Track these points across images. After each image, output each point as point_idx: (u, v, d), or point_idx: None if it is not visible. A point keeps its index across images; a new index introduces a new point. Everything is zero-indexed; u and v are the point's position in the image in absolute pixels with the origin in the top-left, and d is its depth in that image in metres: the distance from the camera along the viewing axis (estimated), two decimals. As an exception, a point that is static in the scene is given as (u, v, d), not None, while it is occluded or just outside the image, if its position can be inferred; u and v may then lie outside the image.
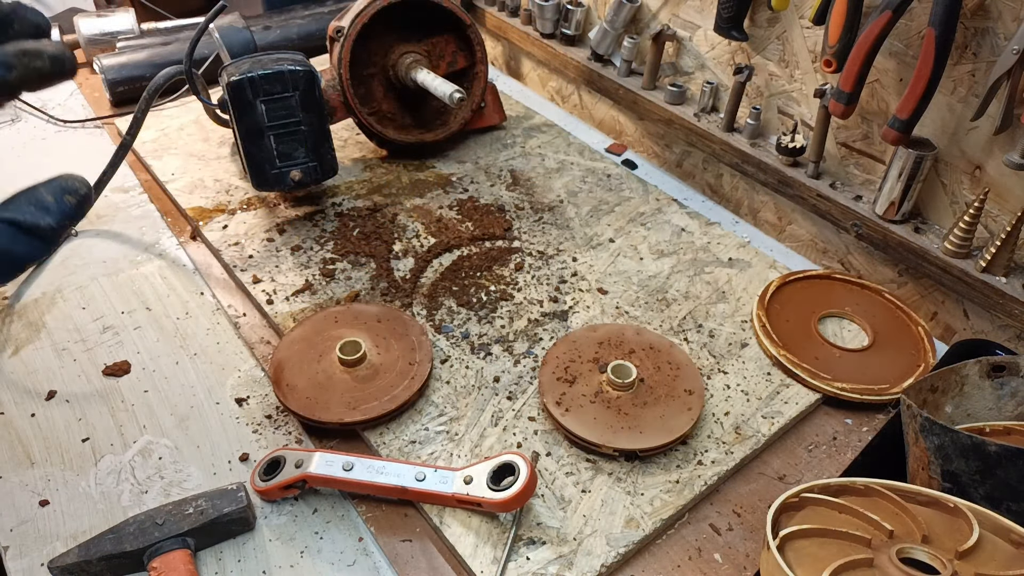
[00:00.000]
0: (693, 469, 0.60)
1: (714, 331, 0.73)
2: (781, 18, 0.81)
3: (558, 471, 0.60)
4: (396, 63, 0.90)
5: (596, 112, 1.10)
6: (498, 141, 1.00)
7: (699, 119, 0.91)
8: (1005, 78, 0.63)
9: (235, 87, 0.77)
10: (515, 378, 0.68)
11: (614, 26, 0.97)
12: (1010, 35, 0.63)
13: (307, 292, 0.76)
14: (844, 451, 0.64)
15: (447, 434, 0.63)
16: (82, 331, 0.73)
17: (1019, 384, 0.59)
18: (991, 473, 0.47)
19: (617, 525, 0.56)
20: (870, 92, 0.76)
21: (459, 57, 0.94)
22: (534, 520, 0.57)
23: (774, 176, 0.85)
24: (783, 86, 0.84)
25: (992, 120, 0.66)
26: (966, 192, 0.72)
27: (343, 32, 0.86)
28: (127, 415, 0.65)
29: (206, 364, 0.70)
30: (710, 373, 0.69)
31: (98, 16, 1.14)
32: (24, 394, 0.67)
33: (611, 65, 1.02)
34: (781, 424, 0.64)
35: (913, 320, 0.73)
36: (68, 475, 0.60)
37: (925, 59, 0.65)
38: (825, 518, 0.50)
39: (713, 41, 0.90)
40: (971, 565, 0.44)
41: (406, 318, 0.71)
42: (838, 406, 0.67)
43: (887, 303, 0.75)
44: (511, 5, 1.15)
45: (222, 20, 1.02)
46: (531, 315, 0.74)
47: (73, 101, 1.09)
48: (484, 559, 0.54)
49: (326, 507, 0.59)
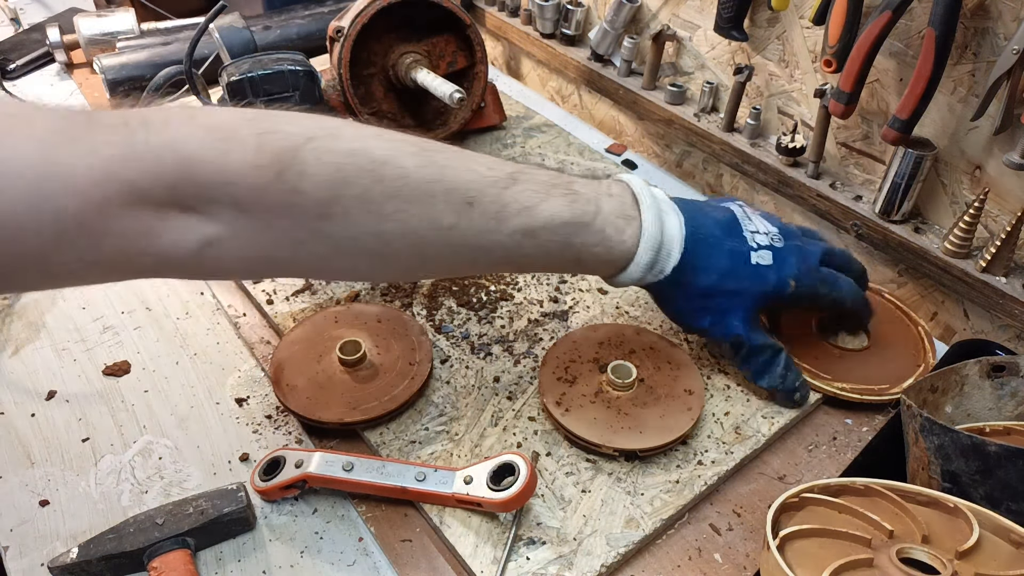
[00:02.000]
0: (693, 469, 0.60)
1: (714, 331, 0.73)
2: (781, 18, 0.81)
3: (558, 471, 0.60)
4: (396, 63, 0.90)
5: (596, 112, 1.10)
6: (498, 141, 1.00)
7: (699, 119, 0.91)
8: (1005, 78, 0.63)
9: (235, 87, 0.77)
10: (515, 378, 0.68)
11: (614, 26, 0.97)
12: (1010, 35, 0.63)
13: (307, 292, 0.75)
14: (844, 451, 0.64)
15: (447, 434, 0.63)
16: (82, 331, 0.73)
17: (1019, 384, 0.59)
18: (991, 473, 0.47)
19: (617, 525, 0.56)
20: (870, 92, 0.76)
21: (459, 57, 0.94)
22: (534, 520, 0.57)
23: (774, 176, 0.85)
24: (783, 86, 0.84)
25: (992, 120, 0.66)
26: (966, 192, 0.72)
27: (343, 32, 0.86)
28: (127, 415, 0.65)
29: (206, 364, 0.70)
30: (710, 373, 0.69)
31: (98, 16, 1.14)
32: (24, 394, 0.67)
33: (611, 65, 1.02)
34: (781, 424, 0.64)
35: (913, 320, 0.73)
36: (68, 475, 0.60)
37: (925, 59, 0.65)
38: (825, 518, 0.50)
39: (713, 41, 0.89)
40: (971, 565, 0.44)
41: (406, 318, 0.71)
42: (838, 406, 0.67)
43: (887, 303, 0.75)
44: (511, 5, 1.15)
45: (222, 20, 1.02)
46: (531, 315, 0.74)
47: (73, 101, 1.09)
48: (484, 559, 0.54)
49: (326, 507, 0.59)
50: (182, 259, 0.45)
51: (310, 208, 0.46)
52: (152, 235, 0.43)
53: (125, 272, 0.45)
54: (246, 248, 0.46)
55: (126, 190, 0.41)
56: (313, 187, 0.45)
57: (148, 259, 0.44)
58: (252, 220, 0.45)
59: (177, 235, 0.44)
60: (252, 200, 0.44)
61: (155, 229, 0.43)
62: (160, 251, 0.44)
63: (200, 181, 0.43)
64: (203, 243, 0.45)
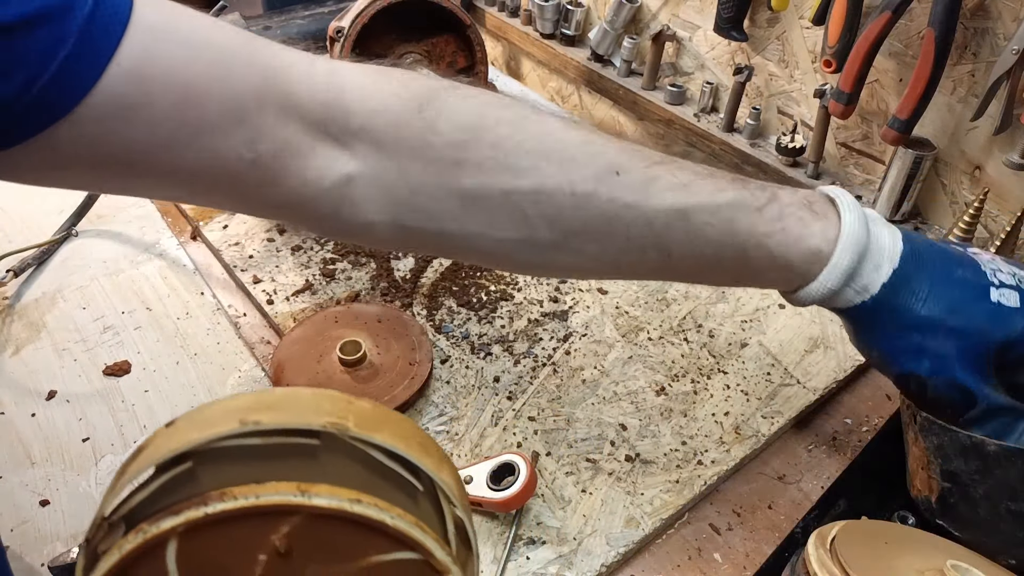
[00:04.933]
0: (693, 469, 0.60)
1: (714, 331, 0.73)
2: (781, 18, 0.81)
3: (558, 471, 0.60)
4: (396, 63, 0.90)
5: (596, 112, 1.10)
6: (498, 141, 1.00)
7: (699, 119, 0.91)
8: (1005, 78, 0.63)
9: (235, 87, 0.77)
10: (515, 378, 0.68)
11: (614, 26, 0.97)
12: (1010, 35, 0.63)
13: (307, 292, 0.76)
14: (844, 451, 0.64)
15: (447, 434, 0.63)
16: (82, 331, 0.73)
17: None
18: (990, 472, 0.47)
19: (617, 525, 0.56)
20: (870, 92, 0.76)
21: (459, 57, 0.94)
22: (534, 520, 0.57)
23: (774, 176, 0.85)
24: (783, 86, 0.84)
25: (992, 120, 0.66)
26: (966, 192, 0.72)
27: (343, 32, 0.86)
28: (127, 415, 0.65)
29: (206, 364, 0.70)
30: (710, 373, 0.69)
31: (98, 16, 1.14)
32: (24, 394, 0.67)
33: (611, 65, 1.02)
34: (781, 424, 0.64)
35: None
36: (68, 475, 0.60)
37: (925, 59, 0.65)
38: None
39: (713, 41, 0.90)
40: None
41: (406, 318, 0.71)
42: (838, 406, 0.67)
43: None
44: (511, 5, 1.15)
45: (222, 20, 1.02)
46: (531, 315, 0.74)
47: (73, 101, 1.09)
48: (484, 559, 0.54)
49: (326, 507, 0.59)
50: (325, 192, 0.44)
51: (445, 153, 0.44)
52: (300, 156, 0.43)
53: (273, 193, 0.44)
54: (381, 195, 0.45)
55: (282, 98, 0.42)
56: (450, 128, 0.44)
57: (294, 182, 0.43)
58: (388, 160, 0.44)
59: (323, 163, 0.43)
60: (391, 136, 0.44)
61: (303, 150, 0.43)
62: (305, 178, 0.43)
63: (349, 108, 0.43)
64: (344, 178, 0.44)
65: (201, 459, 0.27)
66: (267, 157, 0.42)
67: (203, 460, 0.27)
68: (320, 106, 0.43)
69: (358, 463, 0.28)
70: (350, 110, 0.43)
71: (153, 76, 0.38)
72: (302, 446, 0.27)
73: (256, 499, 0.24)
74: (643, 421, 0.64)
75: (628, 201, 0.44)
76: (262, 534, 0.25)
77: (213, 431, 0.26)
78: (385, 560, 0.26)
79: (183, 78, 0.39)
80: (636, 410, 0.65)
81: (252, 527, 0.25)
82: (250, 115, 0.41)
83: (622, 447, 0.62)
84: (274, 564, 0.25)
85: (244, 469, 0.26)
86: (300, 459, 0.27)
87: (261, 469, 0.26)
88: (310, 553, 0.26)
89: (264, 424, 0.26)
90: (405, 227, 0.46)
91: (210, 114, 0.40)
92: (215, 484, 0.25)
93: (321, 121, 0.43)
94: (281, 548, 0.25)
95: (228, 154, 0.41)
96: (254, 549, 0.25)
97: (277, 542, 0.25)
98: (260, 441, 0.27)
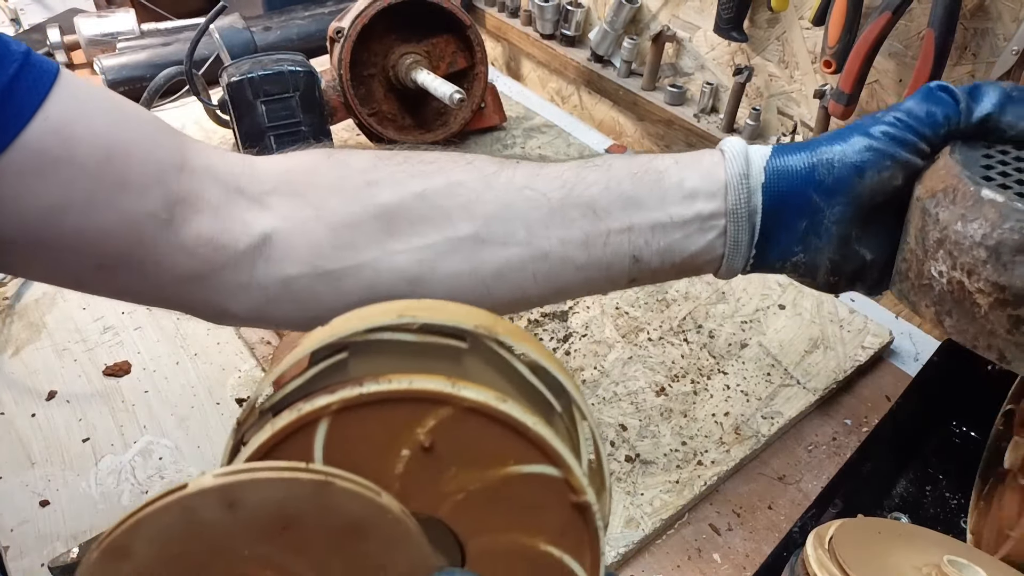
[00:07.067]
0: (693, 469, 0.60)
1: (714, 331, 0.73)
2: (781, 19, 0.81)
3: (558, 471, 0.60)
4: (396, 64, 0.91)
5: (596, 113, 1.10)
6: (498, 142, 1.00)
7: (699, 120, 0.91)
8: (1005, 79, 0.63)
9: (235, 88, 0.77)
10: (515, 378, 0.68)
11: (614, 27, 0.97)
12: (1010, 36, 0.63)
13: (307, 292, 0.75)
14: (843, 451, 0.64)
15: (447, 434, 0.63)
16: (82, 331, 0.73)
17: None
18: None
19: (617, 525, 0.56)
20: (870, 93, 0.76)
21: (459, 58, 0.94)
22: (534, 520, 0.57)
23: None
24: (783, 87, 0.84)
25: (991, 121, 0.66)
26: (966, 193, 0.72)
27: (343, 33, 0.86)
28: (127, 415, 0.65)
29: (206, 364, 0.70)
30: (710, 374, 0.69)
31: (98, 17, 1.15)
32: (24, 394, 0.67)
33: (611, 66, 1.02)
34: (781, 424, 0.64)
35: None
36: (68, 475, 0.60)
37: (925, 60, 0.65)
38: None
39: (713, 42, 0.90)
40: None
41: (406, 318, 0.71)
42: (837, 406, 0.67)
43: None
44: (511, 6, 1.15)
45: (222, 21, 1.02)
46: (531, 315, 0.74)
47: (73, 102, 1.09)
48: (484, 559, 0.54)
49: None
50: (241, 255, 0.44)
51: (359, 179, 0.46)
52: (217, 217, 0.44)
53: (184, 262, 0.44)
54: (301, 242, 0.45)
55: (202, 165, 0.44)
56: (358, 160, 0.47)
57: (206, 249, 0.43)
58: (306, 207, 0.45)
59: (239, 225, 0.44)
60: (306, 181, 0.45)
61: (220, 211, 0.44)
62: (220, 242, 0.44)
63: (263, 171, 0.45)
64: (261, 238, 0.44)
65: (355, 350, 0.27)
66: (181, 218, 0.42)
67: (356, 351, 0.27)
68: (236, 172, 0.45)
69: (501, 375, 0.28)
70: (265, 171, 0.46)
71: (78, 134, 0.39)
72: (450, 348, 0.27)
73: (410, 384, 0.24)
74: (643, 421, 0.64)
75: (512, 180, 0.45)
76: (408, 426, 0.25)
77: (372, 321, 0.27)
78: (523, 472, 0.26)
79: (107, 139, 0.40)
80: (636, 410, 0.65)
81: (401, 416, 0.25)
82: (169, 176, 0.42)
83: (622, 447, 0.62)
84: (416, 461, 0.25)
85: (396, 363, 0.27)
86: (447, 362, 0.27)
87: (411, 365, 0.26)
88: (451, 454, 0.25)
89: (421, 318, 0.27)
90: (326, 272, 0.45)
91: (132, 174, 0.40)
92: (368, 375, 0.25)
93: (236, 185, 0.45)
94: (426, 442, 0.25)
95: (143, 216, 0.41)
96: (399, 443, 0.25)
97: (422, 436, 0.25)
98: (412, 338, 0.27)
